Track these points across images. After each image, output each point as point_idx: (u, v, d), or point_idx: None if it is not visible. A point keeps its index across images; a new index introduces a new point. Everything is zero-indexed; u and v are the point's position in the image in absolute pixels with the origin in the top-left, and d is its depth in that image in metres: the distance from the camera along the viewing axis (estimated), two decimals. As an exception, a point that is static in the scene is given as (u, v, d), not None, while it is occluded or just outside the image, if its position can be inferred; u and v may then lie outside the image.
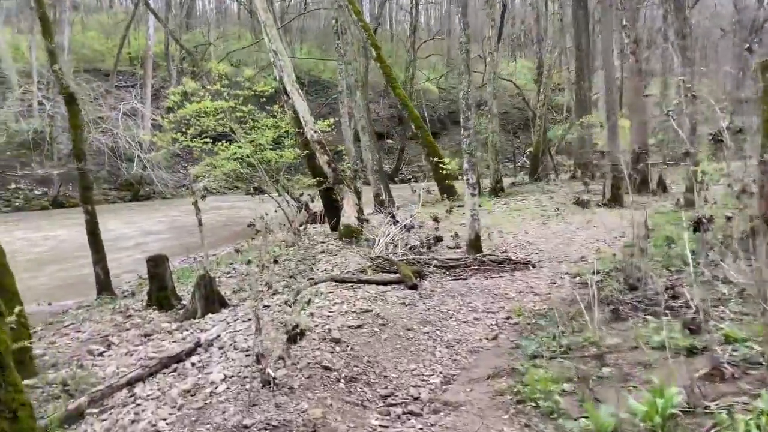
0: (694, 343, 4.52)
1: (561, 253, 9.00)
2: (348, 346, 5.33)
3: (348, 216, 11.36)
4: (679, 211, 12.16)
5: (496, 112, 19.03)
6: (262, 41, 17.12)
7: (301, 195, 13.75)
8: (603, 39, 14.36)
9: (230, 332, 6.27)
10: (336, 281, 7.44)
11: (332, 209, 12.28)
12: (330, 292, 7.07)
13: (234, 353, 5.36)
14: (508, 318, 6.12)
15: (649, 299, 5.83)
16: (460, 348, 5.46)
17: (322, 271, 8.97)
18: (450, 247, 9.87)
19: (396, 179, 34.92)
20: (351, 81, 17.02)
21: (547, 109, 24.38)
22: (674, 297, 5.88)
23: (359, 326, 5.79)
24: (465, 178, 8.33)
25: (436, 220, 11.30)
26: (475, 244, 8.51)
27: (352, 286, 7.29)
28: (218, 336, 6.25)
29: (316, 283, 7.26)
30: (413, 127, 17.96)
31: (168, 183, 27.53)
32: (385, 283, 7.32)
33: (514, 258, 8.34)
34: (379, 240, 9.31)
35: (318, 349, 5.18)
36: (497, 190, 18.67)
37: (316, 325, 5.81)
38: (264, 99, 13.39)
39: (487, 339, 5.66)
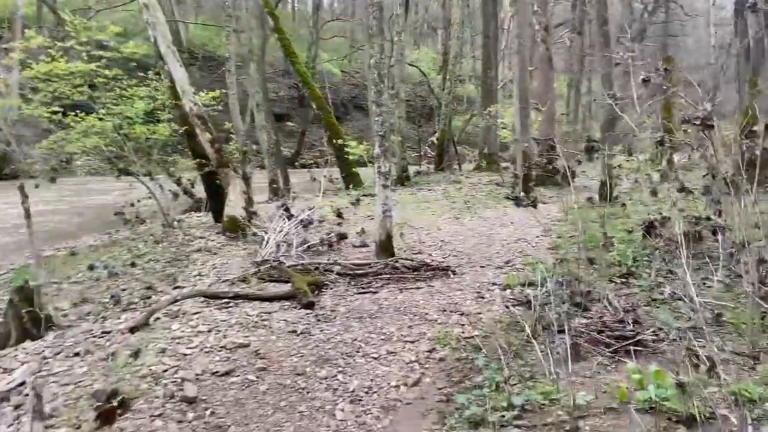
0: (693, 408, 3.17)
1: (482, 255, 7.62)
2: (208, 408, 3.57)
3: (233, 206, 9.42)
4: (596, 207, 11.26)
5: (403, 96, 17.58)
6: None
7: (179, 180, 11.59)
8: (518, 22, 13.23)
9: (43, 375, 4.33)
10: (206, 297, 5.58)
11: (216, 197, 10.26)
12: (195, 314, 5.22)
13: (32, 423, 3.43)
14: (431, 351, 4.57)
15: (608, 327, 4.50)
16: (370, 402, 3.84)
17: (194, 276, 7.07)
18: (356, 246, 8.24)
19: (297, 164, 32.88)
20: (244, 51, 14.88)
21: (452, 98, 23.29)
22: (636, 322, 4.59)
23: (228, 372, 4.02)
24: (376, 165, 6.70)
25: (339, 214, 9.60)
26: (386, 246, 6.91)
27: (227, 303, 5.47)
28: (23, 383, 4.27)
29: (176, 301, 5.36)
30: (314, 107, 16.12)
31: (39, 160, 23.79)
32: (272, 300, 5.56)
33: (431, 263, 6.83)
34: (268, 238, 7.49)
35: (158, 417, 3.38)
36: (403, 180, 17.26)
37: (165, 371, 3.98)
38: (135, 64, 11.10)
39: (406, 385, 4.07)
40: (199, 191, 12.47)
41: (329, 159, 17.21)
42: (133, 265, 7.48)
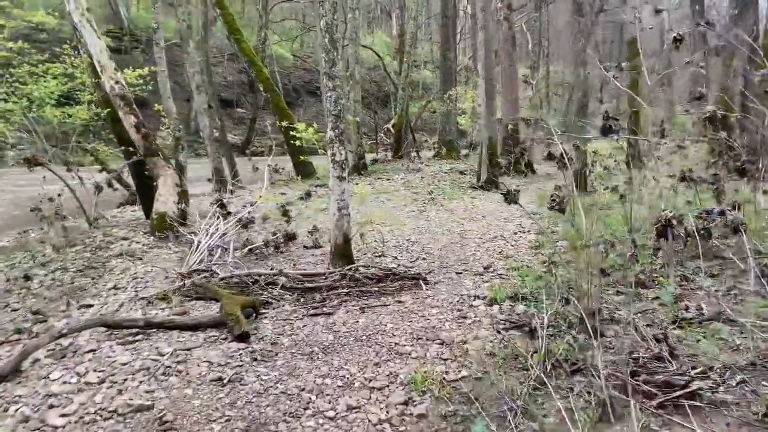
0: None
1: (456, 258, 6.43)
2: None
3: (164, 201, 7.94)
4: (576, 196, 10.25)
5: (358, 78, 16.21)
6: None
7: (105, 168, 9.97)
8: (483, -3, 12.06)
9: None
10: (108, 327, 4.18)
11: (145, 190, 8.74)
12: (90, 353, 3.84)
13: None
14: (406, 403, 3.32)
15: (643, 366, 3.35)
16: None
17: (109, 290, 5.65)
18: (307, 248, 6.92)
19: (248, 152, 31.10)
20: (184, 28, 13.21)
21: (408, 83, 22.03)
22: (672, 354, 3.47)
23: (111, 463, 2.68)
24: (329, 153, 5.38)
25: (285, 212, 8.17)
26: (343, 251, 5.60)
27: (135, 335, 4.09)
28: None
29: (62, 335, 3.95)
30: (262, 89, 14.58)
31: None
32: (195, 328, 4.21)
33: (397, 270, 5.57)
34: (198, 242, 6.08)
35: None
36: (360, 168, 15.94)
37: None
38: (46, 36, 9.41)
39: (375, 465, 2.84)
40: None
41: (276, 147, 15.75)
42: (27, 278, 5.94)
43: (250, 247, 6.51)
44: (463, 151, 22.55)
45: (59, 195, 9.32)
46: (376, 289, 5.11)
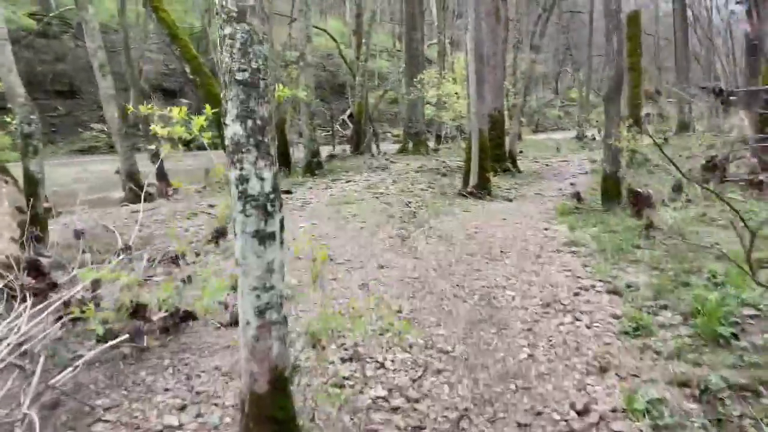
0: None
1: (501, 368, 3.21)
2: None
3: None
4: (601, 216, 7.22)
5: (310, 60, 12.75)
6: None
7: None
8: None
9: None
10: None
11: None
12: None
13: None
14: None
15: None
16: None
17: None
18: (216, 332, 3.59)
19: (192, 146, 27.11)
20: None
21: (367, 70, 18.66)
22: None
23: None
24: (233, 174, 2.11)
25: (174, 259, 4.74)
26: (271, 410, 2.25)
27: None
28: None
29: None
30: (188, 71, 10.97)
31: None
32: None
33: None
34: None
35: None
36: (314, 167, 12.57)
37: None
38: None
39: None
40: None
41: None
42: None
43: (102, 347, 3.12)
44: (431, 143, 19.39)
45: None
46: None
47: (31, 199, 5.11)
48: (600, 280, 4.61)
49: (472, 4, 8.67)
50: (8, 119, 6.18)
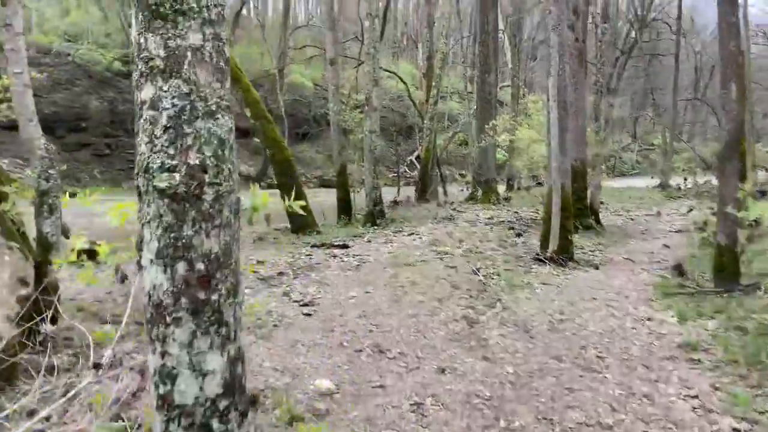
0: None
1: None
2: None
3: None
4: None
5: (377, 105, 11.97)
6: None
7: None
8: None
9: None
10: None
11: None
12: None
13: None
14: None
15: None
16: None
17: None
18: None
19: (262, 184, 27.19)
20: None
21: (437, 111, 17.78)
22: None
23: None
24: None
25: None
26: None
27: None
28: None
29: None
30: (249, 115, 10.42)
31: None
32: None
33: None
34: None
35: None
36: (375, 216, 11.64)
37: None
38: None
39: None
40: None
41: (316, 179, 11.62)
42: None
43: None
44: (501, 189, 18.11)
45: None
46: None
47: (43, 268, 4.37)
48: (743, 418, 3.27)
49: (555, 47, 7.56)
50: (33, 173, 5.59)
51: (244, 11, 31.95)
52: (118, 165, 27.27)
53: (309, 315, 5.34)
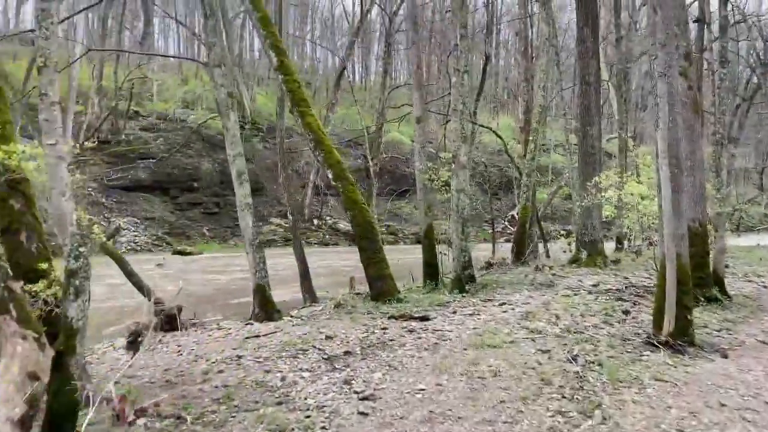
0: None
1: None
2: None
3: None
4: None
5: (465, 162, 11.24)
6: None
7: None
8: (660, 22, 6.71)
9: None
10: None
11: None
12: None
13: None
14: None
15: None
16: None
17: None
18: None
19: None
20: (221, 95, 9.26)
21: (536, 166, 16.67)
22: None
23: None
24: None
25: None
26: None
27: None
28: None
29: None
30: (331, 176, 10.12)
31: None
32: None
33: None
34: None
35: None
36: (464, 282, 10.69)
37: None
38: None
39: None
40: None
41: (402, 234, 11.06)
42: None
43: None
44: (609, 250, 16.35)
45: None
46: None
47: (62, 357, 4.01)
48: None
49: (664, 96, 6.45)
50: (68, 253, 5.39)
51: (347, 73, 32.98)
52: (226, 223, 28.52)
53: (365, 414, 4.55)
